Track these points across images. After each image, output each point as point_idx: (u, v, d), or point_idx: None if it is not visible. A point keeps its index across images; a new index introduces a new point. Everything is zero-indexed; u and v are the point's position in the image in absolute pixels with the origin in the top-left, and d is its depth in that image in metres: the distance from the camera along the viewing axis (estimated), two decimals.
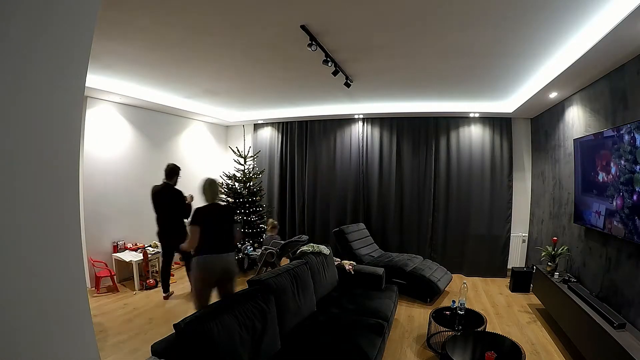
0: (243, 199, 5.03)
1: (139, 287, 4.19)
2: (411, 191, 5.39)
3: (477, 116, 5.08)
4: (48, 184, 0.86)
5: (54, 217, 0.88)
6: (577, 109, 3.48)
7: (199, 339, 1.68)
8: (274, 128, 6.28)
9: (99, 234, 4.30)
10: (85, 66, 0.93)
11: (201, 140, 6.15)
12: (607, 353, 2.19)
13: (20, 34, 0.76)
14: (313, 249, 3.32)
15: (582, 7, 2.13)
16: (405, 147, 5.43)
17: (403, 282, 3.99)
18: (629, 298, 2.47)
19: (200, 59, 3.23)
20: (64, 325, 0.92)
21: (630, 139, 2.35)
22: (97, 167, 4.27)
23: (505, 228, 4.98)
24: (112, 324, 3.25)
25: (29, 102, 0.80)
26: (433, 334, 2.95)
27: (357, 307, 2.86)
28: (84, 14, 0.90)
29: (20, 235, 0.80)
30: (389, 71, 3.54)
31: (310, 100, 5.04)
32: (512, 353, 2.25)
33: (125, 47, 2.94)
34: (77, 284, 0.95)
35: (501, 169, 5.02)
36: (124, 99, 4.38)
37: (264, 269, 4.49)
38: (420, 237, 5.34)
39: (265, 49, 2.95)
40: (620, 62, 2.62)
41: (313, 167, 5.95)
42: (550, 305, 3.33)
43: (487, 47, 2.81)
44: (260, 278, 2.40)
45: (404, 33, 2.60)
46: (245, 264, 4.81)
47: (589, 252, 3.14)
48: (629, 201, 2.38)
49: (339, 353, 2.12)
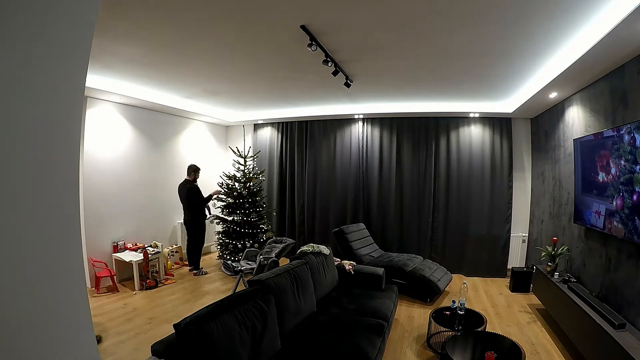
0: (243, 199, 5.04)
1: (139, 287, 4.19)
2: (411, 191, 5.39)
3: (477, 116, 5.08)
4: (48, 184, 0.86)
5: (54, 217, 0.88)
6: (577, 109, 3.48)
7: (199, 339, 1.68)
8: (274, 128, 6.28)
9: (99, 234, 4.30)
10: (85, 66, 0.93)
11: (201, 140, 6.16)
12: (607, 353, 2.19)
13: (20, 34, 0.76)
14: (313, 249, 3.32)
15: (582, 7, 2.13)
16: (405, 147, 5.43)
17: (403, 282, 3.99)
18: (629, 298, 2.47)
19: (200, 59, 3.23)
20: (64, 325, 0.91)
21: (630, 139, 2.35)
22: (97, 167, 4.27)
23: (505, 228, 4.98)
24: (112, 324, 3.25)
25: (29, 102, 0.80)
26: (433, 334, 2.95)
27: (357, 307, 2.86)
28: (84, 14, 0.90)
29: (20, 236, 0.80)
30: (389, 71, 3.54)
31: (310, 100, 5.04)
32: (512, 353, 2.25)
33: (125, 47, 2.94)
34: (77, 284, 0.95)
35: (501, 169, 5.02)
36: (124, 99, 4.38)
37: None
38: (420, 237, 5.34)
39: (265, 49, 2.95)
40: (620, 62, 2.62)
41: (313, 167, 5.95)
42: (550, 305, 3.33)
43: (487, 47, 2.81)
44: (260, 278, 2.40)
45: (404, 33, 2.60)
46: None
47: (589, 252, 3.14)
48: (629, 201, 2.38)
49: (339, 353, 2.12)
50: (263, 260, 3.95)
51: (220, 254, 5.18)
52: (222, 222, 5.19)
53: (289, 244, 4.28)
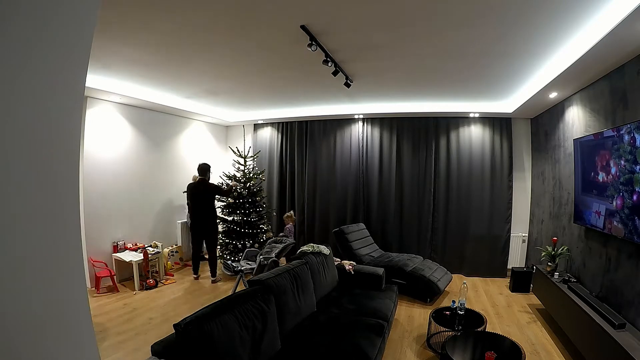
0: (243, 199, 5.04)
1: (139, 287, 4.19)
2: (411, 191, 5.39)
3: (477, 116, 5.08)
4: (48, 184, 0.86)
5: (54, 217, 0.88)
6: (577, 109, 3.48)
7: (199, 339, 1.68)
8: (274, 128, 6.27)
9: (99, 234, 4.30)
10: (85, 66, 0.93)
11: (201, 140, 6.15)
12: (607, 353, 2.19)
13: (20, 34, 0.76)
14: (313, 249, 3.32)
15: (582, 7, 2.13)
16: (405, 147, 5.43)
17: (403, 282, 3.99)
18: (629, 298, 2.47)
19: (200, 59, 3.23)
20: (64, 325, 0.91)
21: (630, 139, 2.35)
22: (97, 167, 4.27)
23: (505, 228, 4.98)
24: (112, 324, 3.25)
25: (29, 102, 0.80)
26: (433, 334, 2.95)
27: (357, 307, 2.86)
28: (84, 14, 0.90)
29: (20, 236, 0.80)
30: (389, 71, 3.54)
31: (310, 100, 5.04)
32: (512, 353, 2.25)
33: (125, 47, 2.94)
34: (77, 284, 0.95)
35: (501, 169, 5.02)
36: (124, 99, 4.38)
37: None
38: (420, 237, 5.34)
39: (265, 48, 2.95)
40: (620, 62, 2.62)
41: (313, 167, 5.95)
42: (550, 305, 3.33)
43: (487, 47, 2.81)
44: (260, 278, 2.40)
45: (404, 33, 2.60)
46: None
47: (589, 252, 3.14)
48: (629, 201, 2.38)
49: (339, 353, 2.12)
50: (263, 260, 3.95)
51: (220, 254, 5.18)
52: (222, 222, 5.19)
53: (289, 244, 4.28)
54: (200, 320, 1.73)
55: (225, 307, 1.93)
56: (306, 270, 2.86)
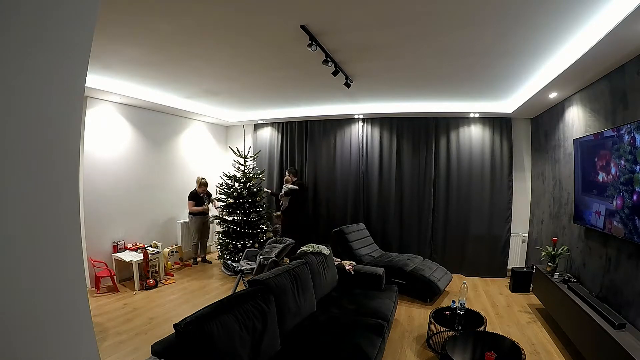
0: (243, 199, 5.03)
1: (139, 287, 4.19)
2: (411, 191, 5.39)
3: (477, 116, 5.07)
4: (48, 184, 0.86)
5: (54, 217, 0.88)
6: (577, 109, 3.48)
7: (199, 339, 1.68)
8: (274, 128, 6.27)
9: (99, 234, 4.30)
10: (86, 66, 0.93)
11: (201, 140, 6.15)
12: (607, 353, 2.19)
13: (20, 34, 0.76)
14: (313, 249, 3.31)
15: (582, 7, 2.13)
16: (405, 147, 5.43)
17: (403, 282, 3.99)
18: (629, 298, 2.47)
19: (200, 59, 3.23)
20: (64, 325, 0.92)
21: (630, 139, 2.35)
22: (97, 167, 4.27)
23: (505, 228, 4.98)
24: (112, 324, 3.25)
25: (29, 102, 0.80)
26: (433, 334, 2.95)
27: (357, 307, 2.86)
28: (84, 14, 0.90)
29: (20, 236, 0.80)
30: (389, 71, 3.54)
31: (310, 100, 5.04)
32: (512, 353, 2.25)
33: (125, 47, 2.94)
34: (77, 284, 0.95)
35: (501, 169, 5.02)
36: (124, 99, 4.38)
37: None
38: (420, 237, 5.34)
39: (265, 49, 2.95)
40: (620, 62, 2.61)
41: (313, 167, 5.95)
42: (550, 305, 3.33)
43: (487, 47, 2.81)
44: (260, 278, 2.40)
45: (404, 33, 2.60)
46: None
47: (589, 252, 3.14)
48: (629, 201, 2.38)
49: (339, 353, 2.12)
50: (263, 260, 3.94)
51: (220, 254, 5.18)
52: (222, 222, 5.19)
53: (289, 244, 4.28)
54: (200, 320, 1.72)
55: (225, 307, 1.93)
56: (306, 270, 2.86)
